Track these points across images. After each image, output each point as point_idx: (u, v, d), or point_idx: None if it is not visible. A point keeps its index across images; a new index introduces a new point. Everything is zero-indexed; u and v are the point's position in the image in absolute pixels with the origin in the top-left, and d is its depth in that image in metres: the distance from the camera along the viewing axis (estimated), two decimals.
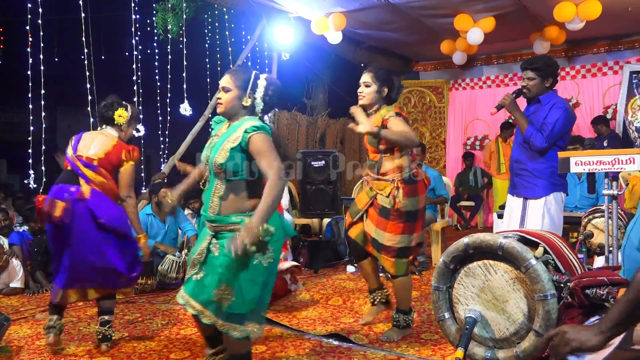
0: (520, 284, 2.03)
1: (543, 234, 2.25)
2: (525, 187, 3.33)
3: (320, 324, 3.58)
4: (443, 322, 2.25)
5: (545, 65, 3.29)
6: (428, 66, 9.18)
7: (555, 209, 3.28)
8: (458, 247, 2.16)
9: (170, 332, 3.54)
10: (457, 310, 2.19)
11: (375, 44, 7.99)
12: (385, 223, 3.17)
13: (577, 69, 7.90)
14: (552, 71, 3.32)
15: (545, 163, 3.27)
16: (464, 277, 2.16)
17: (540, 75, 3.29)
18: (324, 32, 6.59)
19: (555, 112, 3.23)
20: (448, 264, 2.20)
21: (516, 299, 2.04)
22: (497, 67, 8.60)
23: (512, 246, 2.03)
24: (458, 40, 7.11)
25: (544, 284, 1.96)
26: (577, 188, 5.33)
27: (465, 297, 2.15)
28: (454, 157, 8.92)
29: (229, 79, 2.39)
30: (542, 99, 3.32)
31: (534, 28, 6.80)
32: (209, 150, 2.39)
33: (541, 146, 3.22)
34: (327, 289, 4.60)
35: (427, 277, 4.87)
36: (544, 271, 1.98)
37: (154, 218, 5.09)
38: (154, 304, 4.28)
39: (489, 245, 2.08)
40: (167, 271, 4.74)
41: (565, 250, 2.19)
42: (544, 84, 3.30)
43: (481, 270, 2.11)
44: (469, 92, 8.86)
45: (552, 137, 3.22)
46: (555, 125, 3.20)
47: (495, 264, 2.09)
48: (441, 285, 2.23)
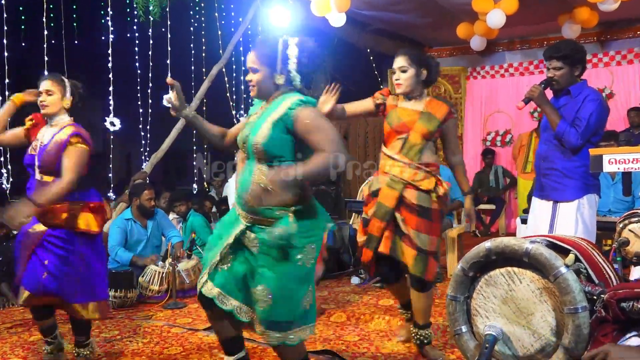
0: (548, 295, 2.04)
1: (574, 240, 2.27)
2: (555, 189, 3.33)
3: (321, 343, 3.59)
4: (460, 337, 2.26)
5: (572, 52, 3.29)
6: (443, 52, 9.18)
7: (588, 214, 3.28)
8: (479, 252, 2.18)
9: (153, 351, 3.55)
10: (475, 324, 2.21)
11: (383, 26, 7.99)
12: (430, 225, 3.10)
13: (611, 55, 7.91)
14: (580, 57, 3.32)
15: (577, 161, 3.28)
16: (485, 286, 2.17)
17: (568, 64, 3.29)
18: (326, 14, 6.60)
19: (588, 105, 3.24)
20: (467, 271, 2.21)
21: (543, 311, 2.05)
22: (521, 53, 8.60)
23: (539, 252, 2.04)
24: (477, 23, 7.11)
25: (575, 295, 1.97)
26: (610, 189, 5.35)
27: (486, 308, 2.17)
28: (472, 154, 8.92)
29: (254, 57, 2.33)
30: (572, 90, 3.33)
31: (562, 9, 6.80)
32: (249, 130, 2.36)
33: (576, 143, 3.23)
34: (329, 303, 4.61)
35: (441, 289, 4.88)
36: (575, 281, 1.99)
37: (135, 223, 5.10)
38: (134, 320, 4.29)
39: (513, 250, 2.09)
40: (148, 283, 4.75)
41: (599, 259, 2.21)
42: (573, 73, 3.31)
43: (504, 279, 2.13)
44: (488, 82, 8.86)
45: (587, 132, 3.23)
46: (590, 120, 3.21)
47: (520, 272, 2.10)
48: (459, 295, 2.25)
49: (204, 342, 3.66)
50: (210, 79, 6.56)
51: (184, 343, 3.67)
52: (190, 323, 4.12)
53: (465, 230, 6.27)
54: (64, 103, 3.16)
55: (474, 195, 3.50)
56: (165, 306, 4.63)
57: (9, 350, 3.61)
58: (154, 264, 4.87)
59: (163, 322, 4.20)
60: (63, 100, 3.15)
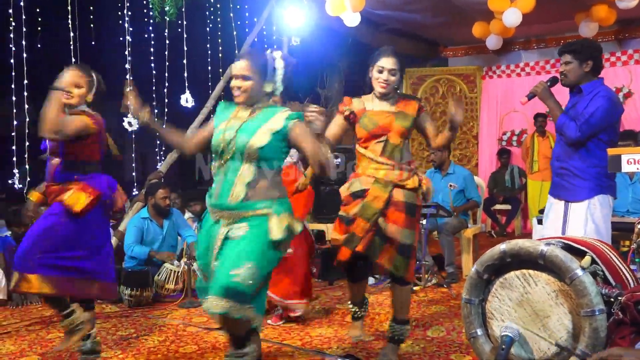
0: (564, 298, 2.03)
1: (591, 241, 2.25)
2: (567, 189, 3.33)
3: (335, 343, 3.60)
4: (475, 340, 2.26)
5: (582, 47, 3.29)
6: (458, 51, 9.15)
7: (600, 214, 3.25)
8: (493, 254, 2.17)
9: (168, 349, 3.58)
10: (491, 327, 2.20)
11: (397, 26, 7.98)
12: (412, 221, 3.16)
13: (630, 54, 7.81)
14: (590, 53, 3.29)
15: (588, 161, 3.25)
16: (500, 288, 2.17)
17: (578, 58, 3.27)
18: (340, 14, 6.59)
19: (596, 100, 3.22)
20: (482, 273, 2.21)
21: (559, 314, 2.04)
22: (537, 52, 8.54)
23: (555, 254, 2.03)
24: (492, 22, 7.07)
25: (592, 298, 1.96)
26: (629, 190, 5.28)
27: (501, 311, 2.16)
28: (488, 154, 8.88)
29: (247, 65, 2.53)
30: (584, 89, 3.30)
31: (579, 7, 6.74)
32: (234, 132, 2.51)
33: (574, 136, 3.21)
34: (344, 303, 4.61)
35: (456, 290, 4.86)
36: (592, 283, 1.98)
37: (151, 222, 5.15)
38: (150, 319, 4.32)
39: (528, 252, 2.09)
40: (164, 282, 4.79)
41: (616, 261, 2.19)
42: (582, 69, 3.28)
43: (519, 282, 2.12)
44: (504, 81, 8.81)
45: (587, 127, 3.19)
46: (594, 115, 3.18)
47: (535, 274, 2.09)
48: (473, 298, 2.24)
49: (219, 341, 3.68)
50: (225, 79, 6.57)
51: (199, 342, 3.70)
52: (206, 322, 4.14)
53: (481, 231, 6.24)
54: (87, 97, 3.21)
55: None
56: (180, 305, 4.67)
57: (28, 347, 3.66)
58: (170, 261, 4.92)
59: (178, 320, 4.24)
60: (88, 95, 3.21)
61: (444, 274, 5.21)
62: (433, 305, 4.47)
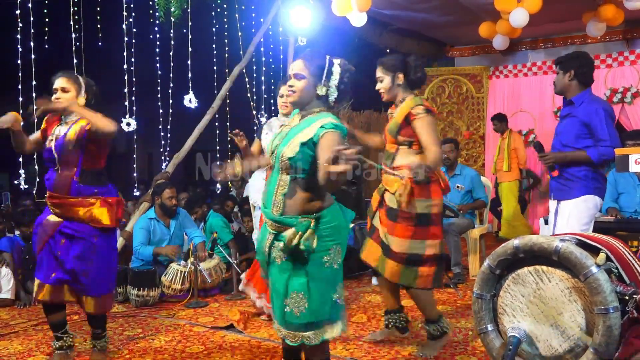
0: (578, 295, 2.01)
1: (605, 239, 2.23)
2: (560, 190, 3.53)
3: (340, 343, 3.57)
4: (486, 335, 2.24)
5: (567, 58, 3.52)
6: (465, 51, 9.12)
7: (582, 212, 3.41)
8: (506, 249, 2.15)
9: (175, 349, 3.57)
10: (502, 322, 2.18)
11: (404, 26, 7.96)
12: (393, 226, 3.20)
13: (638, 53, 7.75)
14: (573, 63, 3.48)
15: (580, 166, 3.43)
16: (512, 284, 2.14)
17: (562, 69, 3.51)
18: (347, 13, 6.58)
19: (594, 117, 3.38)
20: (494, 268, 2.19)
21: (572, 311, 2.02)
22: (544, 52, 8.50)
23: (569, 251, 2.01)
24: (499, 22, 7.04)
25: (606, 296, 1.94)
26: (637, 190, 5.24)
27: (513, 307, 2.14)
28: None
29: (303, 65, 2.42)
30: (574, 101, 3.50)
31: (586, 7, 6.71)
32: (279, 140, 2.45)
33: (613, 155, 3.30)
34: (350, 303, 4.59)
35: (463, 290, 4.83)
36: (606, 281, 1.96)
37: (158, 222, 5.15)
38: (157, 318, 4.32)
39: (542, 248, 2.06)
40: (170, 282, 4.78)
41: (630, 258, 2.17)
42: (566, 78, 3.50)
43: (532, 278, 2.10)
44: (511, 81, 8.77)
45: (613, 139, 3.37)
46: (607, 129, 3.36)
47: (549, 270, 2.07)
48: (485, 293, 2.22)
49: (225, 342, 3.66)
50: (231, 80, 6.57)
51: (205, 342, 3.68)
52: (212, 322, 4.13)
53: (487, 231, 6.21)
54: (78, 101, 3.18)
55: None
56: (187, 305, 4.66)
57: (35, 347, 3.66)
58: (176, 257, 4.92)
59: (185, 320, 4.22)
60: (78, 98, 3.18)
61: (451, 275, 5.18)
62: (439, 306, 4.43)
